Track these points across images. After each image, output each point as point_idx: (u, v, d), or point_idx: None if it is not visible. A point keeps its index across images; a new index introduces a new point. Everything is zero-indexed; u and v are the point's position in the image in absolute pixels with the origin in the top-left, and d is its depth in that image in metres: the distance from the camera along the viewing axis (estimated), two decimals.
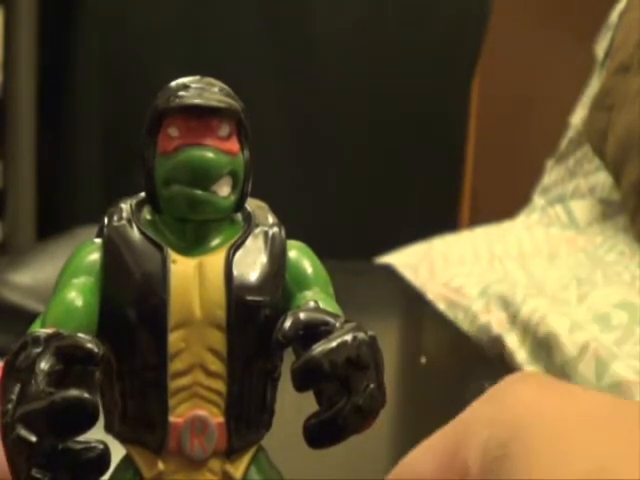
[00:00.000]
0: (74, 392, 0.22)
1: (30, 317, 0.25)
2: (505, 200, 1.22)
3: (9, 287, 0.57)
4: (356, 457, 0.23)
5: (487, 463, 0.21)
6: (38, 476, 0.21)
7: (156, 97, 0.26)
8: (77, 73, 1.34)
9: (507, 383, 0.23)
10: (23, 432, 0.21)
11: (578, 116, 1.09)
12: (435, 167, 1.56)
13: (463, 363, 0.68)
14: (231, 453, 0.26)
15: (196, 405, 0.25)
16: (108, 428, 0.26)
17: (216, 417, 0.25)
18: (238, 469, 0.26)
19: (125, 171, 1.32)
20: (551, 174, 1.11)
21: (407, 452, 0.25)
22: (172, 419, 0.25)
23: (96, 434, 0.23)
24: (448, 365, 0.70)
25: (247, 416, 0.26)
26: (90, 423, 0.22)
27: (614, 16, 1.07)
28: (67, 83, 1.34)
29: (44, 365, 0.22)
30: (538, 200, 1.08)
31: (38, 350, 0.22)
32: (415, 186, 1.54)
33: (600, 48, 1.09)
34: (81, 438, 0.22)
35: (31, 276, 0.58)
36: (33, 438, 0.21)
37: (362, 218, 1.50)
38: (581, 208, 0.97)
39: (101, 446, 0.22)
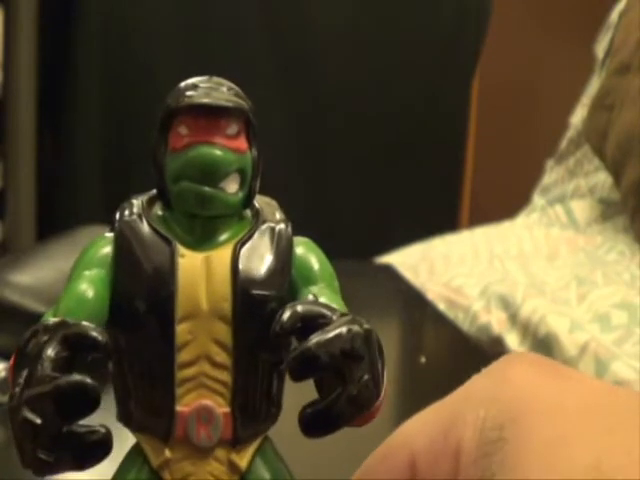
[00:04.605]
0: (77, 377, 0.22)
1: (30, 317, 0.25)
2: (505, 200, 1.23)
3: (9, 287, 0.57)
4: (358, 455, 0.23)
5: (482, 444, 0.21)
6: (43, 457, 0.22)
7: (167, 97, 0.27)
8: (77, 73, 1.34)
9: (507, 361, 0.23)
10: (29, 414, 0.22)
11: (578, 116, 1.09)
12: (435, 167, 1.56)
13: (463, 363, 0.68)
14: (237, 443, 0.26)
15: (202, 395, 0.26)
16: (120, 417, 0.27)
17: (222, 407, 0.26)
18: (243, 459, 0.26)
19: (125, 171, 1.33)
20: (551, 174, 1.11)
21: None
22: (179, 408, 0.26)
23: (105, 422, 0.23)
24: (448, 365, 0.70)
25: (252, 407, 0.26)
26: (92, 407, 0.22)
27: (614, 16, 1.07)
28: (67, 83, 1.34)
29: (50, 352, 0.23)
30: (538, 200, 1.09)
31: (46, 338, 0.23)
32: (415, 186, 1.54)
33: (600, 48, 1.09)
34: (85, 422, 0.23)
35: (31, 276, 0.58)
36: (38, 420, 0.22)
37: (362, 218, 1.50)
38: (581, 208, 0.97)
39: (104, 430, 0.23)
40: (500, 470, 0.20)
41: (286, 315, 0.24)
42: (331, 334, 0.24)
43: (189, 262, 0.26)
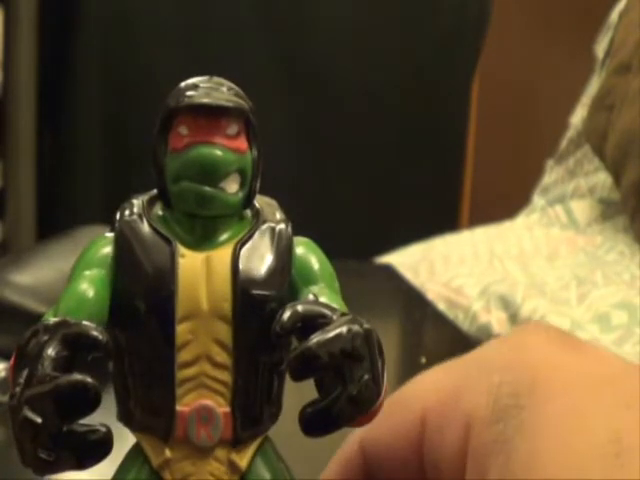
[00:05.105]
0: (77, 376, 0.22)
1: (30, 317, 0.25)
2: (505, 200, 1.23)
3: (9, 287, 0.57)
4: None
5: (497, 410, 0.20)
6: (43, 456, 0.22)
7: (167, 97, 0.27)
8: (77, 73, 1.34)
9: (524, 330, 0.23)
10: (29, 414, 0.22)
11: (578, 116, 1.09)
12: (435, 167, 1.56)
13: None
14: (237, 443, 0.26)
15: (202, 395, 0.26)
16: (120, 417, 0.27)
17: (222, 407, 0.26)
18: (244, 458, 0.26)
19: (125, 171, 1.33)
20: (551, 174, 1.11)
21: None
22: (179, 408, 0.26)
23: (105, 421, 0.24)
24: None
25: (253, 407, 0.26)
26: (93, 406, 0.22)
27: (614, 16, 1.07)
28: (67, 83, 1.34)
29: (51, 351, 0.23)
30: (538, 200, 1.09)
31: (46, 337, 0.23)
32: (415, 186, 1.54)
33: (600, 48, 1.09)
34: (85, 421, 0.23)
35: (31, 276, 0.58)
36: (38, 420, 0.22)
37: (362, 218, 1.50)
38: (581, 208, 0.98)
39: (104, 429, 0.23)
40: (517, 435, 0.20)
41: (286, 315, 0.24)
42: (331, 334, 0.24)
43: (189, 262, 0.26)
